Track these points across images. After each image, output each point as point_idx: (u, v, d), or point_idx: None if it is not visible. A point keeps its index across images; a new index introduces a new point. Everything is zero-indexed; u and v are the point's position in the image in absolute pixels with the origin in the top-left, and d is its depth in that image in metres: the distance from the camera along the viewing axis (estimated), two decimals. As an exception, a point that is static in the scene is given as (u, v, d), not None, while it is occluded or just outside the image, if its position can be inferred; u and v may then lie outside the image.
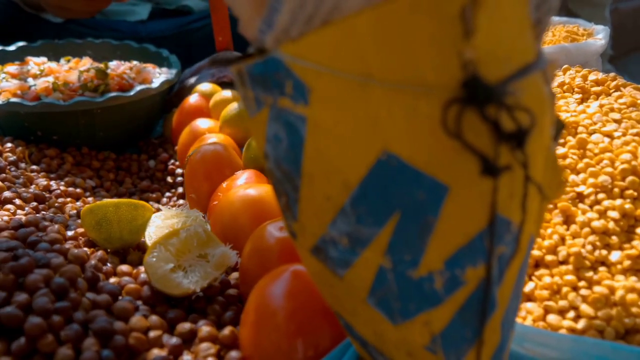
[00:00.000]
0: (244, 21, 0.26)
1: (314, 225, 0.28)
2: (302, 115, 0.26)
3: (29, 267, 0.38)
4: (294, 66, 0.25)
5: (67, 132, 0.78)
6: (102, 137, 0.82)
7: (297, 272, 0.37)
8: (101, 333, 0.35)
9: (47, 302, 0.35)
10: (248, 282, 0.43)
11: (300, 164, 0.27)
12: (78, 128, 0.79)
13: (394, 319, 0.28)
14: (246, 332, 0.37)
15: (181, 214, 0.50)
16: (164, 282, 0.41)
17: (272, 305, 0.36)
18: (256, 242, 0.43)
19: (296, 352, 0.35)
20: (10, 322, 0.34)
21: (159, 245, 0.42)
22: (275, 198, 0.29)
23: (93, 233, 0.47)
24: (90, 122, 0.79)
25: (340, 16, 0.23)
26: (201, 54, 1.12)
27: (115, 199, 0.49)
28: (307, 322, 0.35)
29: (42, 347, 0.34)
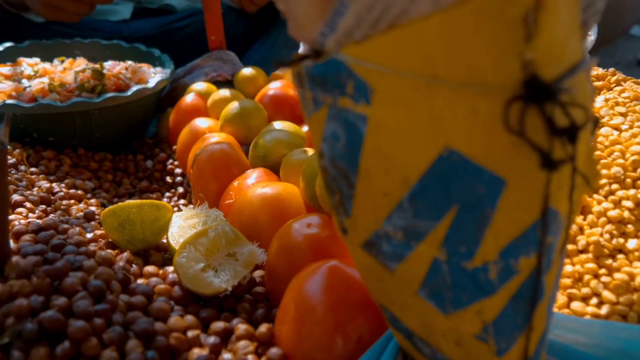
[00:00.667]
0: (302, 24, 0.27)
1: (368, 220, 0.29)
2: (363, 114, 0.26)
3: (64, 270, 0.37)
4: (357, 67, 0.26)
5: (63, 134, 0.77)
6: (98, 138, 0.81)
7: (335, 268, 0.38)
8: (143, 334, 0.36)
9: (88, 305, 0.35)
10: (275, 280, 0.44)
11: (358, 162, 0.28)
12: (75, 129, 0.78)
13: (445, 309, 0.30)
14: (286, 329, 0.37)
15: (201, 213, 0.50)
16: (195, 281, 0.41)
17: (312, 301, 0.36)
18: (283, 239, 0.44)
19: (337, 347, 0.36)
20: (52, 327, 0.34)
21: (188, 245, 0.42)
22: (328, 195, 0.30)
23: (115, 235, 0.47)
24: (87, 123, 0.78)
25: (407, 20, 0.24)
26: (185, 53, 1.11)
27: (138, 200, 0.49)
28: (348, 317, 0.36)
29: (86, 351, 0.34)
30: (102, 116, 0.78)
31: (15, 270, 0.38)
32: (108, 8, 1.26)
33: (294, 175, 0.57)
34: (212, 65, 0.92)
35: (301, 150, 0.58)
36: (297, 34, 0.29)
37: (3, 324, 0.35)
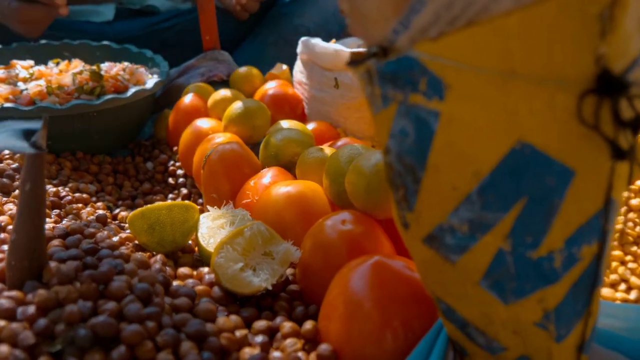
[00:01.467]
0: (372, 21, 0.27)
1: (433, 214, 0.30)
2: (436, 110, 0.27)
3: (110, 274, 0.37)
4: (431, 64, 0.26)
5: (62, 137, 0.76)
6: (97, 140, 0.80)
7: (380, 263, 0.38)
8: (196, 336, 0.35)
9: (140, 309, 0.35)
10: (310, 277, 0.44)
11: (427, 157, 0.28)
12: (73, 132, 0.76)
13: (506, 299, 0.30)
14: (334, 326, 0.38)
15: (227, 213, 0.50)
16: (235, 281, 0.41)
17: (361, 297, 0.37)
18: (317, 237, 0.44)
19: (387, 342, 0.36)
20: (105, 332, 0.34)
21: (225, 245, 0.42)
22: (391, 190, 0.31)
23: (144, 237, 0.46)
24: (85, 126, 0.76)
25: (487, 17, 0.24)
26: (171, 53, 1.10)
27: (168, 202, 0.49)
28: (397, 311, 0.36)
29: (142, 355, 0.33)
30: (101, 118, 0.77)
31: (58, 276, 0.37)
32: (90, 9, 1.24)
33: (311, 174, 0.57)
34: (207, 65, 0.91)
35: (317, 149, 0.58)
36: (360, 32, 0.29)
37: (52, 330, 0.34)
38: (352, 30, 0.30)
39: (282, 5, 1.18)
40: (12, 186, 0.59)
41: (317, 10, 1.16)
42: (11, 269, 0.38)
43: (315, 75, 0.79)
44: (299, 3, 1.16)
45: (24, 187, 0.37)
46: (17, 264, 0.38)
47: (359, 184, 0.44)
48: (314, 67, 0.79)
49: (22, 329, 0.34)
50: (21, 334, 0.33)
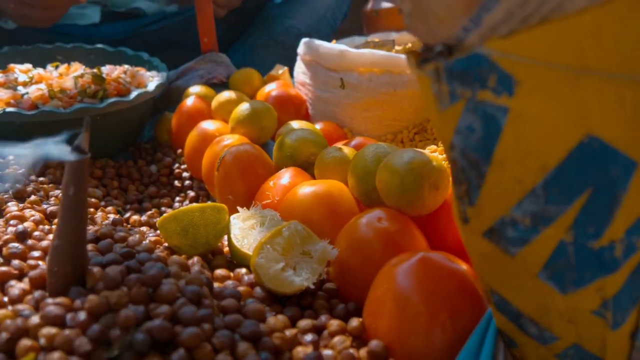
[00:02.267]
0: (440, 20, 0.28)
1: (496, 208, 0.30)
2: (505, 106, 0.28)
3: (159, 277, 0.36)
4: (501, 61, 0.27)
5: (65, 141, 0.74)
6: (100, 144, 0.78)
7: (427, 259, 0.39)
8: (251, 337, 0.35)
9: (195, 311, 0.35)
10: (347, 275, 0.45)
11: (492, 152, 0.29)
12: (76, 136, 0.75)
13: (565, 289, 0.31)
14: (383, 322, 0.38)
15: (255, 214, 0.50)
16: (277, 281, 0.41)
17: (410, 293, 0.37)
18: (353, 235, 0.45)
19: (438, 336, 0.37)
20: (162, 335, 0.33)
21: (265, 245, 0.42)
22: (453, 186, 0.31)
23: (177, 240, 0.46)
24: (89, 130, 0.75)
25: (561, 15, 0.25)
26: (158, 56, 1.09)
27: (200, 204, 0.48)
28: (446, 305, 0.37)
29: (201, 357, 0.33)
30: (104, 122, 0.76)
31: (104, 280, 0.37)
32: (75, 12, 1.21)
33: (331, 173, 0.57)
34: (206, 67, 0.91)
35: (336, 148, 0.59)
36: (420, 30, 0.30)
37: (107, 336, 0.34)
38: (412, 28, 0.31)
39: (273, 7, 1.18)
40: (25, 192, 0.58)
41: (308, 12, 1.16)
42: (53, 275, 0.38)
43: (320, 75, 0.79)
44: (290, 4, 1.16)
45: (67, 192, 0.37)
46: (59, 270, 0.38)
47: (393, 182, 0.45)
48: (318, 67, 0.80)
49: (76, 335, 0.33)
50: (77, 341, 0.33)
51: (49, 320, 0.34)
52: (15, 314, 0.36)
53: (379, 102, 0.74)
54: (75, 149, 0.36)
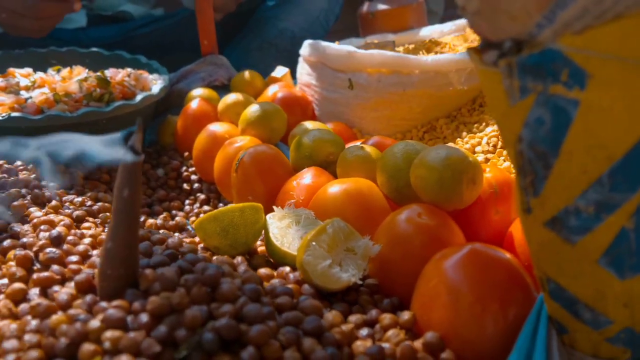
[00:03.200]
0: (513, 17, 0.29)
1: (560, 198, 0.32)
2: (576, 99, 0.29)
3: (217, 277, 0.36)
4: (575, 56, 0.28)
5: (69, 146, 0.73)
6: (104, 149, 0.77)
7: (476, 250, 0.40)
8: (314, 332, 0.36)
9: (260, 309, 0.35)
10: (388, 271, 0.45)
11: (561, 144, 0.30)
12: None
13: (623, 274, 0.33)
14: (437, 314, 0.39)
15: (290, 213, 0.50)
16: (325, 278, 0.42)
17: (462, 284, 0.38)
18: (393, 231, 0.45)
19: (489, 325, 0.38)
20: (229, 334, 0.33)
21: (312, 243, 0.42)
22: (518, 177, 0.32)
23: (216, 240, 0.46)
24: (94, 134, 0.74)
25: (637, 10, 0.26)
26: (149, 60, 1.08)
27: (238, 204, 0.48)
28: (498, 295, 0.38)
29: (270, 354, 0.33)
30: (110, 125, 0.75)
31: (161, 282, 0.36)
32: (63, 16, 1.19)
33: (354, 172, 0.58)
34: (207, 70, 0.90)
35: (358, 147, 0.59)
36: (485, 28, 0.31)
37: (173, 337, 0.33)
38: (475, 26, 0.32)
39: (266, 10, 1.18)
40: (44, 197, 0.57)
41: (302, 14, 1.16)
42: (106, 279, 0.37)
43: (326, 76, 0.80)
44: (283, 7, 1.16)
45: (121, 194, 0.36)
46: (112, 273, 0.37)
47: (430, 178, 0.46)
48: (324, 68, 0.80)
49: (142, 337, 0.33)
50: (144, 343, 0.33)
51: (111, 323, 0.34)
52: (70, 318, 0.36)
53: (388, 102, 0.75)
54: (130, 150, 0.36)
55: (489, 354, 0.38)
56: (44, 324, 0.36)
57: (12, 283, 0.42)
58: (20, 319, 0.38)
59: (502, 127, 0.33)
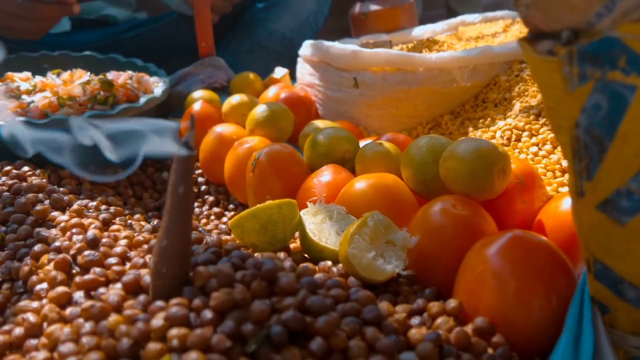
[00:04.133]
0: (572, 7, 0.30)
1: (613, 180, 0.33)
2: (633, 84, 0.30)
3: (274, 271, 0.37)
4: (633, 43, 0.29)
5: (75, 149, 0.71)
6: (109, 153, 0.76)
7: (519, 237, 0.41)
8: (374, 321, 0.36)
9: (323, 300, 0.35)
10: (426, 261, 0.46)
11: (617, 128, 0.31)
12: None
13: (670, 251, 0.34)
14: (484, 299, 0.40)
15: (321, 209, 0.50)
16: (370, 270, 0.42)
17: (509, 270, 0.39)
18: (428, 223, 0.46)
19: (536, 308, 0.39)
20: (296, 326, 0.33)
21: (355, 236, 0.43)
22: (573, 162, 0.34)
23: (255, 237, 0.46)
24: (100, 138, 0.73)
25: (694, -2, 0.28)
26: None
27: (275, 201, 0.48)
28: (542, 279, 0.39)
29: (336, 344, 0.33)
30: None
31: (218, 278, 0.36)
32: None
33: (374, 167, 0.59)
34: (206, 72, 0.90)
35: (376, 143, 0.60)
36: (540, 18, 0.32)
37: (240, 332, 0.33)
38: (528, 16, 0.33)
39: (256, 12, 1.18)
40: (63, 201, 0.55)
41: (291, 16, 1.17)
42: (160, 277, 0.37)
43: (331, 76, 0.80)
44: (273, 9, 1.17)
45: (177, 190, 0.36)
46: (168, 271, 0.37)
47: (463, 169, 0.47)
48: (328, 68, 0.81)
49: (210, 333, 0.33)
50: (214, 338, 0.32)
51: (175, 321, 0.34)
52: (127, 319, 0.35)
53: (394, 99, 0.76)
54: (185, 146, 0.36)
55: (534, 336, 0.39)
56: (100, 325, 0.35)
57: (54, 287, 0.41)
58: (70, 323, 0.37)
59: (556, 114, 0.34)
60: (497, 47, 0.75)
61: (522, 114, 0.62)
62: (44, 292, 0.41)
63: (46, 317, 0.38)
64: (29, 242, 0.47)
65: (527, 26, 0.34)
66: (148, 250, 0.44)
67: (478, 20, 0.97)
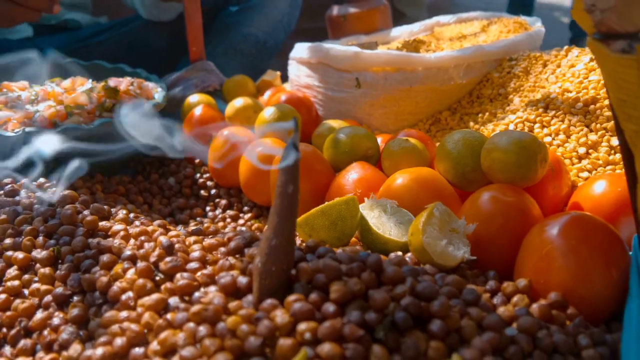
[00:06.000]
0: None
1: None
2: None
3: (379, 263, 0.38)
4: None
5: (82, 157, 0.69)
6: (114, 159, 0.74)
7: (577, 217, 0.45)
8: (474, 302, 0.39)
9: (433, 286, 0.37)
10: (480, 246, 0.49)
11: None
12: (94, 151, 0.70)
13: None
14: (555, 276, 0.43)
15: (374, 204, 0.52)
16: (444, 257, 0.45)
17: (574, 248, 0.43)
18: (481, 211, 0.49)
19: (599, 281, 0.43)
20: (416, 311, 0.35)
21: (427, 227, 0.45)
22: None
23: (324, 233, 0.47)
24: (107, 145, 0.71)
25: None
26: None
27: (343, 197, 0.50)
28: (603, 254, 0.43)
29: (452, 325, 0.36)
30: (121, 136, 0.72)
31: (327, 272, 0.38)
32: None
33: (403, 162, 0.62)
34: (198, 76, 0.89)
35: (402, 140, 0.63)
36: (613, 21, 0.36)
37: (364, 321, 0.35)
38: (605, 20, 0.37)
39: (229, 15, 1.18)
40: (105, 210, 0.54)
41: (264, 19, 1.18)
42: (269, 276, 0.38)
43: (331, 77, 0.83)
44: (246, 13, 1.17)
45: (286, 190, 0.37)
46: (277, 269, 0.38)
47: (509, 160, 0.51)
48: (328, 69, 0.83)
49: (339, 324, 0.34)
50: (346, 328, 0.34)
51: (302, 315, 0.35)
52: (245, 318, 0.36)
53: (396, 98, 0.79)
54: (291, 148, 0.37)
55: (598, 306, 0.44)
56: (219, 327, 0.36)
57: (144, 295, 0.41)
58: (179, 328, 0.37)
59: (628, 105, 0.38)
60: (487, 46, 0.80)
61: (530, 107, 0.67)
62: (132, 301, 0.41)
63: (149, 324, 0.38)
64: (90, 253, 0.46)
65: (600, 28, 0.38)
66: (228, 253, 0.44)
67: (452, 21, 1.02)
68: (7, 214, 0.54)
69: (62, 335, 0.40)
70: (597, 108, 0.61)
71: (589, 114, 0.61)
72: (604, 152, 0.58)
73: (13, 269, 0.48)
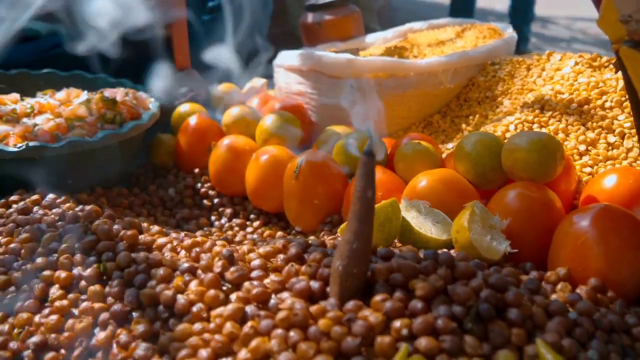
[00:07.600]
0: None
1: None
2: None
3: (451, 259, 0.40)
4: None
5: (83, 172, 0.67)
6: (113, 171, 0.72)
7: (607, 208, 0.49)
8: (535, 290, 0.42)
9: (504, 278, 0.40)
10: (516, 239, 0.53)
11: None
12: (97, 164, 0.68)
13: None
14: (593, 263, 0.47)
15: (409, 205, 0.54)
16: (489, 251, 0.48)
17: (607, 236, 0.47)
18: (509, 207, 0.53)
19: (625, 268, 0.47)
20: (495, 301, 0.38)
21: (472, 224, 0.48)
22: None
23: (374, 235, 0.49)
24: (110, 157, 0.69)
25: None
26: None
27: (388, 200, 0.51)
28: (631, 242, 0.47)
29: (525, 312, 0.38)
30: (124, 147, 0.71)
31: (403, 271, 0.39)
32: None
33: (418, 165, 0.64)
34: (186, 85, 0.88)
35: (414, 143, 0.66)
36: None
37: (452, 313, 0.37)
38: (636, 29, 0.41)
39: (201, 24, 1.16)
40: (136, 223, 0.53)
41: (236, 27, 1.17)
42: (350, 278, 0.39)
43: (324, 83, 0.84)
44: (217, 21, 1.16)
45: (366, 195, 0.39)
46: (358, 271, 0.39)
47: (530, 158, 0.54)
48: (321, 76, 0.84)
49: (432, 319, 0.36)
50: (439, 322, 0.36)
51: (394, 313, 0.37)
52: (335, 320, 0.37)
53: (390, 103, 0.82)
54: (368, 153, 0.38)
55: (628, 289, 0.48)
56: (311, 330, 0.37)
57: (219, 306, 0.40)
58: (266, 335, 0.38)
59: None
60: (471, 51, 0.85)
61: (526, 109, 0.71)
62: (204, 312, 0.40)
63: (233, 334, 0.38)
64: (141, 267, 0.45)
65: (633, 36, 0.42)
66: (289, 259, 0.45)
67: (424, 27, 1.06)
68: (30, 233, 0.51)
69: (137, 352, 0.39)
70: (591, 108, 0.66)
71: (584, 114, 0.66)
72: (603, 149, 0.63)
73: (55, 288, 0.46)
